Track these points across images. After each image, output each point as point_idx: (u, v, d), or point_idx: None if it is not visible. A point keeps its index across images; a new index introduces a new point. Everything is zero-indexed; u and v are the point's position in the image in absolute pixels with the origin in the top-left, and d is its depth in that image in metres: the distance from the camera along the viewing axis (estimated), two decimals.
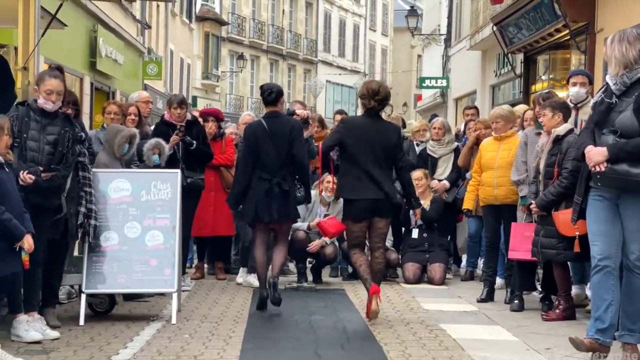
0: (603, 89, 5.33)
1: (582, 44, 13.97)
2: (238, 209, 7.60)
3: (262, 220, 7.31)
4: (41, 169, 5.87)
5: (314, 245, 8.91)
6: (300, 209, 8.11)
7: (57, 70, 6.31)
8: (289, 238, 8.14)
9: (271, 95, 7.48)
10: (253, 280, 8.37)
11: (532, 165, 7.41)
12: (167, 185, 6.86)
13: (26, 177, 5.75)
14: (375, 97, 6.88)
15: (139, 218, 6.76)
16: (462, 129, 11.02)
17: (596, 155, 5.10)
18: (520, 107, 9.04)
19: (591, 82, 7.32)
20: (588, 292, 7.17)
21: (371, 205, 6.78)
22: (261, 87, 7.71)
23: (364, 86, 7.07)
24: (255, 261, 7.54)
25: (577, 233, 6.21)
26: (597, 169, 5.10)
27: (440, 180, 9.70)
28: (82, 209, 6.30)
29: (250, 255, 8.73)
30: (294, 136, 7.32)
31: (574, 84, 7.41)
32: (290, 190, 7.32)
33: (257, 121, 7.85)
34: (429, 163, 9.81)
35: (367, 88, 6.95)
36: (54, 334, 5.92)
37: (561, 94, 9.47)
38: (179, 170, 7.15)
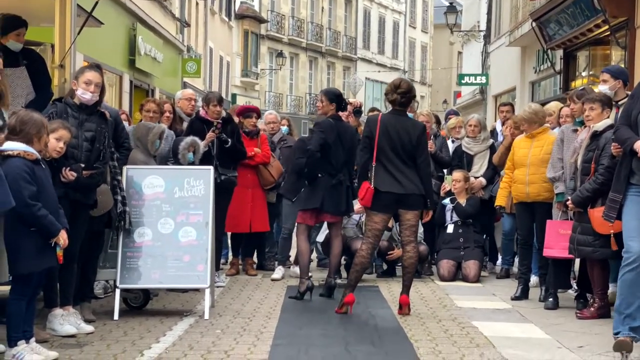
0: None
1: (622, 40, 13.78)
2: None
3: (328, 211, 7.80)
4: (82, 165, 5.97)
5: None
6: None
7: (96, 67, 6.43)
8: (324, 237, 8.53)
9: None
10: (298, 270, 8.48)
11: (568, 162, 7.34)
12: (200, 181, 6.92)
13: (68, 174, 5.85)
14: (398, 90, 7.05)
15: (172, 214, 6.83)
16: (497, 126, 10.94)
17: None
18: (553, 105, 8.94)
19: (616, 79, 7.13)
20: None
21: (395, 198, 6.92)
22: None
23: (388, 84, 7.28)
24: (299, 250, 7.96)
25: (611, 231, 6.13)
26: None
27: (476, 178, 9.65)
28: (119, 197, 6.45)
29: (286, 247, 9.33)
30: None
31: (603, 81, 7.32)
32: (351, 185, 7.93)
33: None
34: (464, 160, 9.76)
35: (390, 84, 7.23)
36: (89, 328, 6.01)
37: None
38: (211, 167, 7.21)
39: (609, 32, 14.17)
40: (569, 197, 6.96)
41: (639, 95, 5.34)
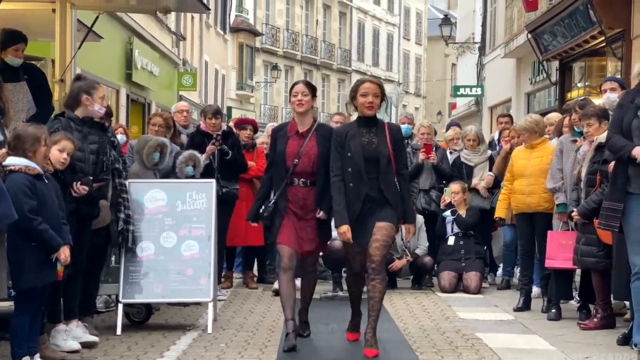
0: None
1: (618, 51, 13.83)
2: None
3: None
4: (91, 178, 5.97)
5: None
6: None
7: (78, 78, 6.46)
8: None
9: None
10: None
11: (568, 173, 7.35)
12: (203, 195, 6.91)
13: (80, 188, 5.85)
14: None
15: (174, 228, 6.82)
16: (495, 137, 10.97)
17: None
18: (554, 115, 8.96)
19: (623, 88, 7.25)
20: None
21: None
22: None
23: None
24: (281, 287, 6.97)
25: None
26: None
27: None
28: (122, 215, 6.43)
29: None
30: None
31: (605, 91, 7.37)
32: None
33: None
34: (464, 171, 9.77)
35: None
36: (93, 338, 5.99)
37: (597, 101, 9.39)
38: (214, 180, 7.21)
39: (605, 44, 14.23)
40: (574, 209, 6.97)
41: (628, 104, 5.38)
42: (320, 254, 8.12)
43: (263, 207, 6.18)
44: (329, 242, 8.27)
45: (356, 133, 5.96)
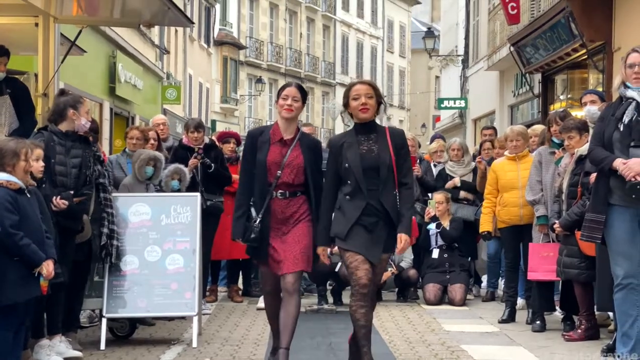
0: (632, 106, 5.29)
1: (599, 63, 13.94)
2: None
3: None
4: (72, 192, 5.95)
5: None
6: None
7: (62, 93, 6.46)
8: None
9: None
10: None
11: (548, 185, 7.39)
12: (187, 208, 6.90)
13: (60, 203, 5.82)
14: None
15: (159, 242, 6.80)
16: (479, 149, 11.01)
17: (637, 164, 5.12)
18: (538, 127, 9.00)
19: (603, 100, 7.32)
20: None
21: None
22: None
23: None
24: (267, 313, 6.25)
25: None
26: (639, 178, 5.09)
27: (465, 199, 9.67)
28: (105, 230, 6.39)
29: None
30: None
31: (585, 103, 7.42)
32: None
33: None
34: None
35: None
36: (77, 353, 5.96)
37: (579, 113, 9.45)
38: (198, 194, 7.20)
39: (586, 56, 14.34)
40: (556, 221, 7.00)
41: (609, 116, 5.43)
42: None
43: (249, 228, 5.55)
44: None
45: (353, 142, 5.41)
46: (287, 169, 5.55)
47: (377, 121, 5.56)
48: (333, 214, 5.45)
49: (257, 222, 5.54)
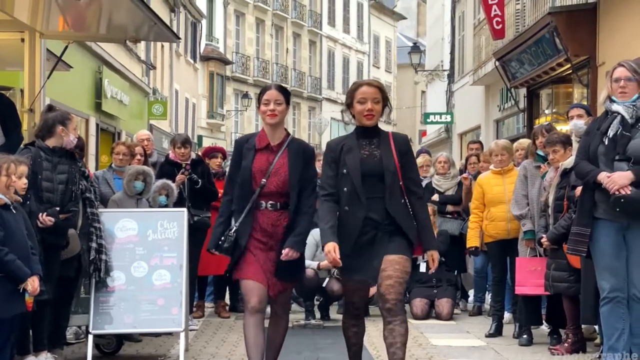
0: (617, 120, 5.33)
1: (584, 78, 14.05)
2: None
3: None
4: (58, 209, 5.93)
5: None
6: (309, 246, 8.03)
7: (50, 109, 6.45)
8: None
9: None
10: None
11: (535, 199, 7.42)
12: (174, 223, 6.88)
13: (46, 219, 5.80)
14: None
15: (145, 257, 6.77)
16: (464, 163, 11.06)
17: (621, 178, 5.15)
18: (525, 141, 9.05)
19: (589, 114, 7.39)
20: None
21: None
22: None
23: None
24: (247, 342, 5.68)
25: None
26: (623, 192, 5.13)
27: (449, 213, 9.70)
28: (94, 245, 6.37)
29: None
30: None
31: (572, 117, 7.48)
32: None
33: None
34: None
35: None
36: None
37: (565, 127, 9.51)
38: (185, 209, 7.19)
39: (571, 71, 14.45)
40: (543, 235, 7.03)
41: (594, 131, 5.48)
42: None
43: (223, 237, 5.22)
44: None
45: (354, 145, 5.03)
46: (274, 177, 5.19)
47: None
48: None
49: (233, 230, 5.18)
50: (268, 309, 5.40)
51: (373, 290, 8.83)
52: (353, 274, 5.05)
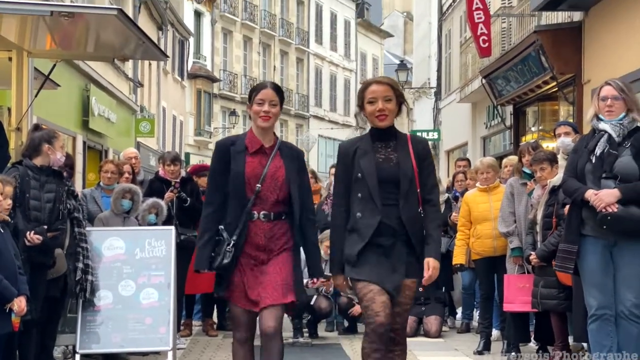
0: (604, 138, 5.37)
1: (569, 96, 14.14)
2: None
3: None
4: (45, 227, 5.92)
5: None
6: None
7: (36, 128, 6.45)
8: None
9: None
10: None
11: (522, 216, 7.44)
12: (162, 242, 6.87)
13: (34, 237, 5.79)
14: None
15: (133, 276, 6.76)
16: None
17: (608, 196, 5.17)
18: (513, 158, 9.09)
19: (576, 132, 7.44)
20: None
21: None
22: None
23: None
24: None
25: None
26: (609, 209, 5.15)
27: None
28: (80, 265, 6.36)
29: None
30: None
31: (559, 135, 7.52)
32: None
33: None
34: None
35: None
36: None
37: (551, 144, 9.57)
38: (173, 227, 7.18)
39: (557, 89, 14.54)
40: (532, 252, 7.05)
41: (582, 148, 5.51)
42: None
43: (220, 252, 4.64)
44: None
45: (369, 148, 4.64)
46: (269, 182, 4.71)
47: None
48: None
49: (231, 245, 4.62)
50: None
51: (359, 308, 8.91)
52: (372, 276, 4.47)
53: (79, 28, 7.34)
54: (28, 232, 5.78)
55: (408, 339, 8.23)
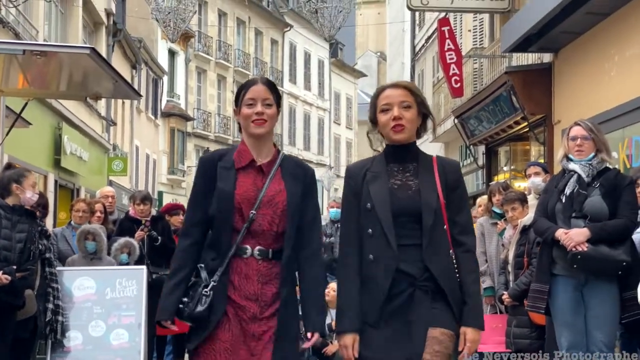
0: (573, 178, 5.42)
1: (540, 136, 14.29)
2: None
3: None
4: (14, 267, 5.86)
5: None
6: None
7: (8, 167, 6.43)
8: None
9: None
10: None
11: (494, 256, 7.48)
12: (133, 282, 6.83)
13: (2, 277, 5.73)
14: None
15: (103, 316, 6.70)
16: None
17: (578, 235, 5.21)
18: (486, 198, 9.15)
19: (546, 172, 7.54)
20: None
21: None
22: None
23: None
24: None
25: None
26: (579, 248, 5.19)
27: None
28: (50, 306, 6.29)
29: None
30: None
31: (530, 175, 7.60)
32: None
33: None
34: None
35: None
36: None
37: (523, 184, 9.65)
38: (144, 267, 7.13)
39: (528, 129, 14.69)
40: (504, 292, 7.07)
41: (552, 188, 5.57)
42: None
43: (195, 296, 3.52)
44: None
45: (381, 171, 3.61)
46: (267, 209, 3.60)
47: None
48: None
49: (210, 287, 3.51)
50: None
51: (333, 348, 8.83)
52: (382, 354, 3.39)
53: (51, 67, 7.35)
54: None
55: None
